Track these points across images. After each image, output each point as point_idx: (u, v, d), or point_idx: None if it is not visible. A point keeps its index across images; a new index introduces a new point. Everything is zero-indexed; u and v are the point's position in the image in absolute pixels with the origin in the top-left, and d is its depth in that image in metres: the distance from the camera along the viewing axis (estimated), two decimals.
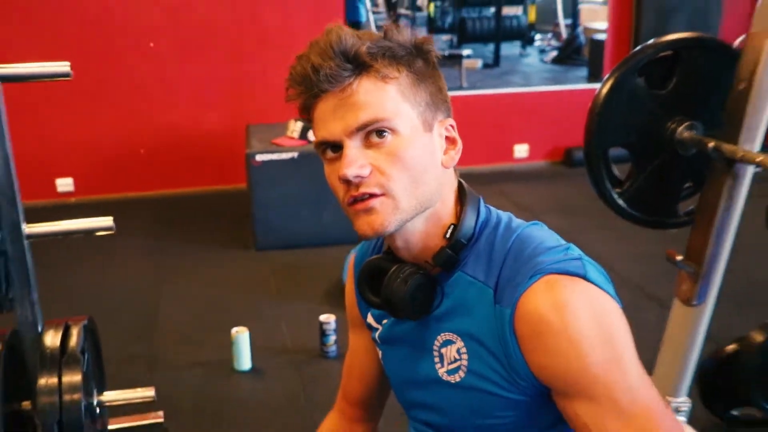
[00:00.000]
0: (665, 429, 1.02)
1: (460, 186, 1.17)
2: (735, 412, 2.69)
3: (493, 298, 1.07)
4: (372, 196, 1.05)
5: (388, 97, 1.04)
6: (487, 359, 1.08)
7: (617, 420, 1.01)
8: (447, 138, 1.13)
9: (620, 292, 1.11)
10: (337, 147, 1.06)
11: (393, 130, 1.04)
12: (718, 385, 2.64)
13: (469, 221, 1.12)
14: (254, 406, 3.02)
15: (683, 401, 2.05)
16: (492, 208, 1.19)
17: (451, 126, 1.14)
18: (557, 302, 1.00)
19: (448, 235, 1.12)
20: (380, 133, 1.04)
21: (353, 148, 1.04)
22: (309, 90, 1.05)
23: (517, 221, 1.16)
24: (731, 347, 2.58)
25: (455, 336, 1.13)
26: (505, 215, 1.17)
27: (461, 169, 1.18)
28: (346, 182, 1.05)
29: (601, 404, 1.01)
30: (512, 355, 1.05)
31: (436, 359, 1.16)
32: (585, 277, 1.03)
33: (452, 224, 1.13)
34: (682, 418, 2.05)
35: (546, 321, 1.01)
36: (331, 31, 1.04)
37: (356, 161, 1.03)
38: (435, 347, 1.16)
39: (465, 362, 1.12)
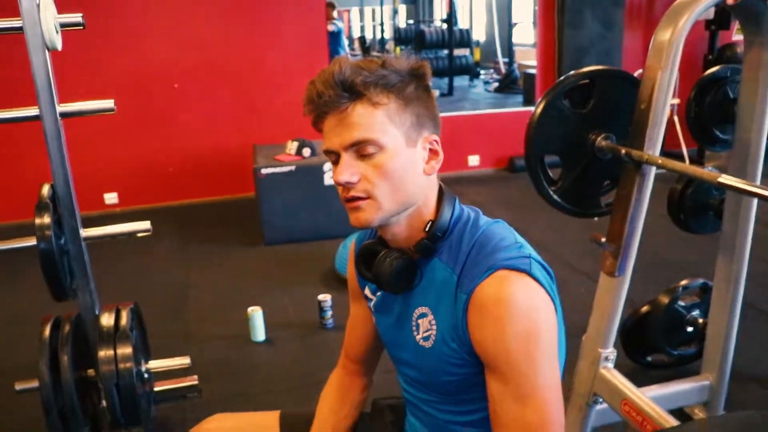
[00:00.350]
0: (551, 425, 1.02)
1: (440, 189, 1.18)
2: (649, 358, 2.73)
3: (456, 283, 1.08)
4: (359, 198, 1.06)
5: (377, 120, 1.04)
6: (450, 331, 1.10)
7: (514, 402, 1.02)
8: (431, 150, 1.13)
9: (557, 270, 1.12)
10: (338, 155, 1.07)
11: (380, 147, 1.05)
12: (635, 338, 2.68)
13: (444, 218, 1.13)
14: (269, 368, 3.01)
15: (610, 351, 2.06)
16: (465, 207, 1.19)
17: (435, 141, 1.14)
18: (499, 297, 1.01)
19: (426, 229, 1.13)
20: (369, 148, 1.05)
21: (347, 159, 1.06)
22: (316, 110, 1.06)
23: (483, 219, 1.17)
24: (645, 308, 2.63)
25: (428, 310, 1.14)
26: (474, 212, 1.18)
27: None
28: (341, 185, 1.06)
29: (506, 385, 1.02)
30: (462, 329, 1.07)
31: (414, 328, 1.17)
32: (529, 273, 1.03)
33: (430, 220, 1.13)
34: (609, 364, 2.06)
35: (487, 310, 1.02)
36: (335, 62, 1.04)
37: (347, 170, 1.05)
38: (414, 318, 1.17)
39: (434, 332, 1.13)
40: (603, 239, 1.98)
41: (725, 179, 1.60)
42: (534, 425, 1.01)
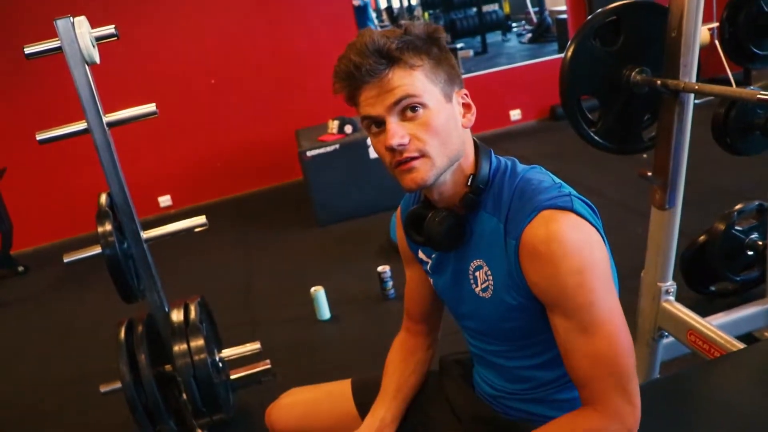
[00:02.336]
0: (620, 352, 1.04)
1: (475, 143, 1.21)
2: (713, 288, 2.71)
3: (504, 231, 1.11)
4: (413, 159, 1.08)
5: (417, 80, 1.06)
6: (505, 278, 1.12)
7: (581, 335, 1.04)
8: (464, 104, 1.16)
9: (610, 211, 1.13)
10: (379, 123, 1.09)
11: (423, 105, 1.07)
12: (696, 269, 2.66)
13: (484, 170, 1.16)
14: (337, 345, 3.09)
15: (670, 284, 2.06)
16: (501, 157, 1.22)
17: (466, 94, 1.17)
18: (548, 236, 1.03)
19: (469, 183, 1.16)
20: (413, 108, 1.07)
21: (394, 122, 1.07)
22: (354, 83, 1.07)
23: (520, 166, 1.19)
24: (702, 238, 2.60)
25: (482, 262, 1.17)
26: (510, 161, 1.20)
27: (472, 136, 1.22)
28: (391, 150, 1.08)
29: (571, 320, 1.05)
30: (516, 274, 1.09)
31: (472, 281, 1.20)
32: (572, 210, 1.06)
33: (471, 174, 1.16)
34: (670, 297, 2.07)
35: (538, 251, 1.04)
36: (363, 34, 1.07)
37: (398, 132, 1.06)
38: (470, 271, 1.20)
39: (491, 282, 1.15)
40: (649, 173, 1.97)
41: (764, 95, 1.58)
42: (604, 352, 1.04)
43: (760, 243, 2.45)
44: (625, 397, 1.05)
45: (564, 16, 6.59)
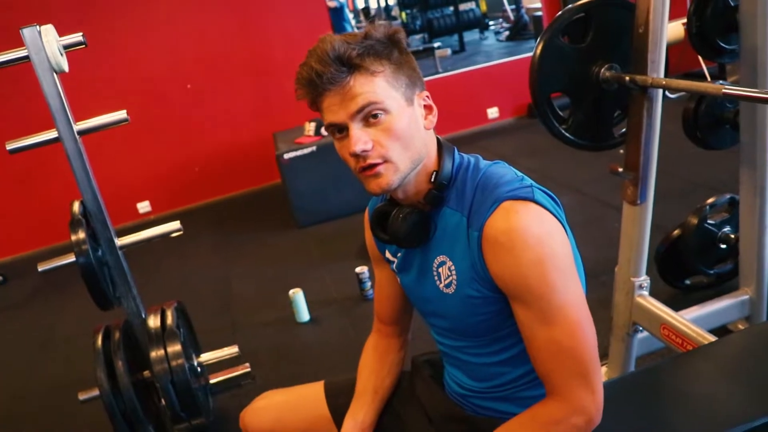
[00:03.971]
0: (581, 342, 1.05)
1: (438, 141, 1.21)
2: (688, 281, 2.74)
3: (467, 224, 1.12)
4: (376, 165, 1.09)
5: (378, 87, 1.07)
6: (469, 271, 1.13)
7: (542, 325, 1.06)
8: (425, 106, 1.17)
9: (587, 207, 1.14)
10: (343, 128, 1.09)
11: (385, 111, 1.08)
12: (670, 263, 2.68)
13: (447, 167, 1.17)
14: (317, 347, 3.08)
15: (643, 279, 2.09)
16: (464, 154, 1.22)
17: (427, 96, 1.17)
18: (509, 227, 1.05)
19: (432, 180, 1.16)
20: (375, 115, 1.07)
21: (356, 129, 1.08)
22: (315, 90, 1.08)
23: (483, 162, 1.20)
24: (675, 232, 2.62)
25: (446, 257, 1.18)
26: (473, 158, 1.21)
27: (449, 135, 1.23)
28: (355, 156, 1.09)
29: (531, 310, 1.06)
30: (480, 266, 1.10)
31: (435, 277, 1.21)
32: (533, 200, 1.07)
33: (434, 171, 1.17)
34: (644, 292, 2.08)
35: (499, 242, 1.06)
36: (324, 40, 1.07)
37: (361, 139, 1.07)
38: (434, 268, 1.21)
39: (455, 276, 1.16)
40: (620, 169, 1.99)
41: (729, 89, 1.60)
42: (564, 342, 1.05)
43: (733, 236, 2.48)
44: (586, 386, 1.06)
45: (540, 13, 6.62)
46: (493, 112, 6.49)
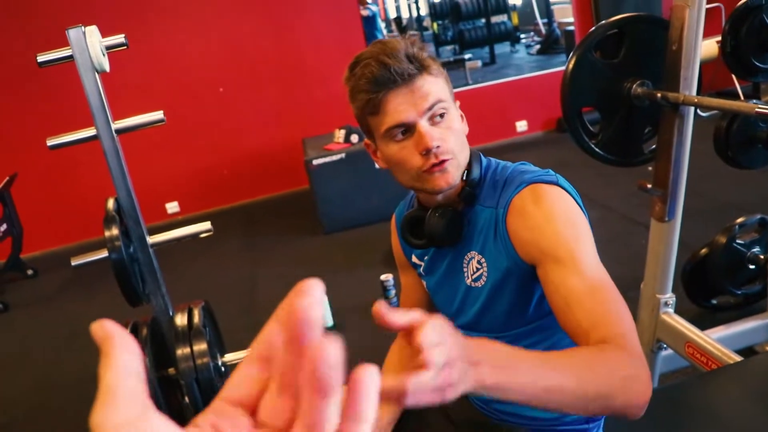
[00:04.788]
0: (612, 296, 1.00)
1: None
2: (714, 301, 2.71)
3: (495, 212, 1.16)
4: (446, 160, 1.12)
5: (442, 87, 1.13)
6: (497, 256, 1.16)
7: (576, 277, 1.01)
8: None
9: (615, 223, 1.15)
10: (409, 128, 1.11)
11: (447, 110, 1.13)
12: (697, 282, 2.66)
13: (476, 167, 1.21)
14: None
15: (669, 296, 2.08)
16: (491, 158, 1.27)
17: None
18: (536, 197, 1.10)
19: (464, 177, 1.19)
20: (442, 114, 1.12)
21: (425, 126, 1.10)
22: (382, 87, 1.08)
23: (510, 163, 1.25)
24: (703, 251, 2.60)
25: (475, 253, 1.21)
26: (500, 161, 1.27)
27: (477, 147, 1.26)
28: (426, 153, 1.10)
29: (565, 264, 1.03)
30: (503, 240, 1.13)
31: (465, 273, 1.24)
32: (557, 184, 1.12)
33: (465, 171, 1.19)
34: (669, 309, 2.08)
35: (527, 209, 1.10)
36: (386, 42, 1.10)
37: (435, 136, 1.10)
38: (464, 264, 1.24)
39: (485, 268, 1.19)
40: (649, 185, 1.99)
41: (762, 108, 1.60)
42: (604, 285, 1.00)
43: (762, 257, 2.46)
44: (635, 336, 0.96)
45: (572, 27, 6.62)
46: (522, 125, 6.48)
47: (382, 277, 3.38)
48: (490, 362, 0.74)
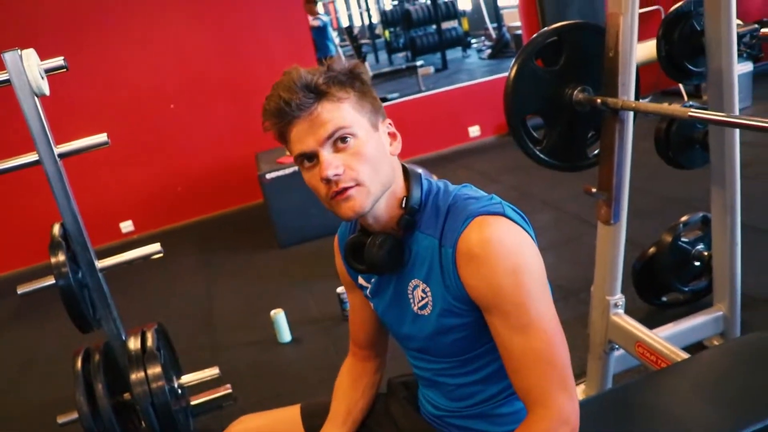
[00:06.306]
0: (558, 349, 1.07)
1: (404, 168, 1.24)
2: (664, 298, 2.77)
3: (439, 244, 1.15)
4: (348, 188, 1.11)
5: (345, 112, 1.10)
6: (443, 290, 1.16)
7: (519, 334, 1.07)
8: (389, 134, 1.20)
9: (567, 224, 1.17)
10: (311, 157, 1.12)
11: (353, 135, 1.11)
12: (646, 280, 2.72)
13: (416, 192, 1.19)
14: (298, 367, 3.09)
15: (618, 297, 2.12)
16: (431, 179, 1.25)
17: (390, 124, 1.21)
18: (482, 239, 1.07)
19: (403, 205, 1.19)
20: (344, 139, 1.10)
21: (326, 154, 1.10)
22: (283, 119, 1.10)
23: (452, 186, 1.23)
24: (651, 249, 2.66)
25: (419, 281, 1.20)
26: (441, 183, 1.24)
27: (431, 153, 1.25)
28: (327, 181, 1.10)
29: (508, 320, 1.08)
30: (455, 282, 1.13)
31: (411, 300, 1.23)
32: (503, 215, 1.10)
33: (404, 196, 1.20)
34: (619, 310, 2.12)
35: (474, 253, 1.08)
36: (289, 72, 1.11)
37: (332, 163, 1.09)
38: (409, 292, 1.23)
39: (429, 298, 1.19)
40: (594, 189, 2.03)
41: (695, 113, 1.65)
42: (543, 352, 1.06)
43: (706, 253, 2.53)
44: (567, 394, 1.07)
45: (521, 32, 6.73)
46: (474, 131, 6.54)
47: (339, 289, 3.37)
48: None
